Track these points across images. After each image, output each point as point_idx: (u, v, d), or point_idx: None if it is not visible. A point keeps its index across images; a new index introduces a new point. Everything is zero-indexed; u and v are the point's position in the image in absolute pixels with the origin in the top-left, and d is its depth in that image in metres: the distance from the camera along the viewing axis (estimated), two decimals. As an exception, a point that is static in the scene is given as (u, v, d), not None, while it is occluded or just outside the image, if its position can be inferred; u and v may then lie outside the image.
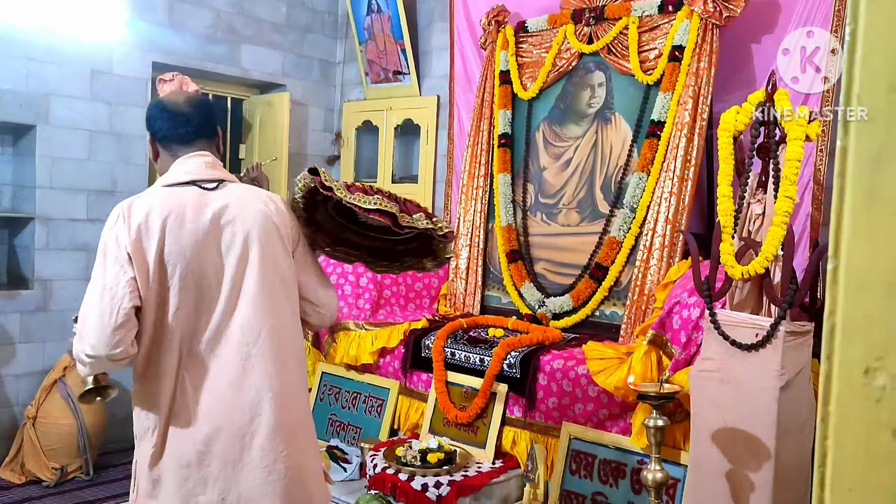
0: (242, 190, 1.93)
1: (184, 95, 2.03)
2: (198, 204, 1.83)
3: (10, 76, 4.05)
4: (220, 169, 1.94)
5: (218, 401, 1.80)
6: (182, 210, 1.82)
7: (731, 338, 2.28)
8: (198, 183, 1.87)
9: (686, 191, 3.34)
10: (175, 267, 1.79)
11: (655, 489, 2.31)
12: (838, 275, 0.59)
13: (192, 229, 1.81)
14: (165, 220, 1.79)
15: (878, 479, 0.57)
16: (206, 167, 1.90)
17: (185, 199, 1.84)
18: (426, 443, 3.14)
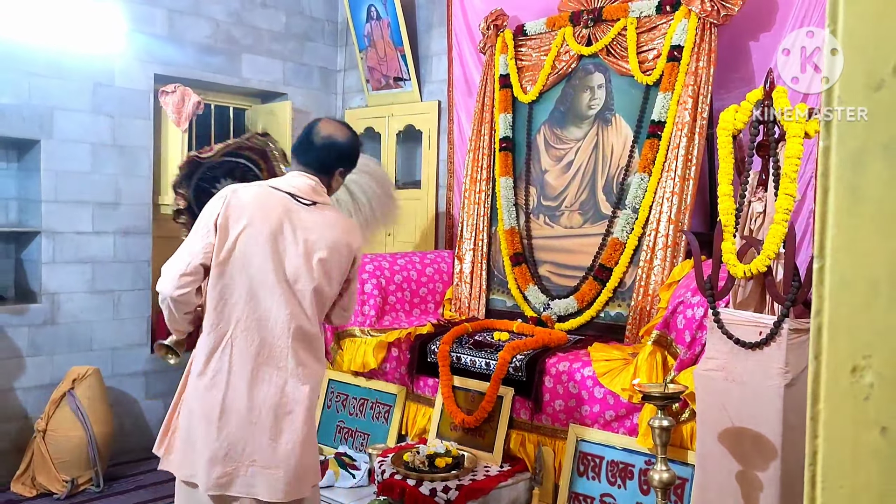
0: (333, 215, 2.30)
1: (339, 132, 2.34)
2: (287, 210, 2.20)
3: (13, 91, 4.08)
4: (321, 195, 2.28)
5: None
6: (273, 208, 2.19)
7: (735, 336, 2.28)
8: (297, 197, 2.23)
9: (688, 190, 3.34)
10: (245, 252, 2.16)
11: (662, 489, 2.31)
12: (824, 274, 0.59)
13: (272, 227, 2.17)
14: (255, 211, 2.18)
15: (868, 476, 0.57)
16: (309, 189, 2.26)
17: (279, 201, 2.22)
18: (434, 448, 3.14)
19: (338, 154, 2.32)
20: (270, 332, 2.17)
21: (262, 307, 2.17)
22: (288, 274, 2.17)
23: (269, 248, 2.16)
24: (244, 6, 5.06)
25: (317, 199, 2.26)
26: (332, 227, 2.25)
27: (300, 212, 2.22)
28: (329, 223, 2.25)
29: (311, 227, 2.21)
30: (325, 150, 2.30)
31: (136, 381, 4.63)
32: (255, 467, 2.14)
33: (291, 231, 2.18)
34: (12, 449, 4.09)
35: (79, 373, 4.07)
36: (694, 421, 2.61)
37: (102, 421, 4.08)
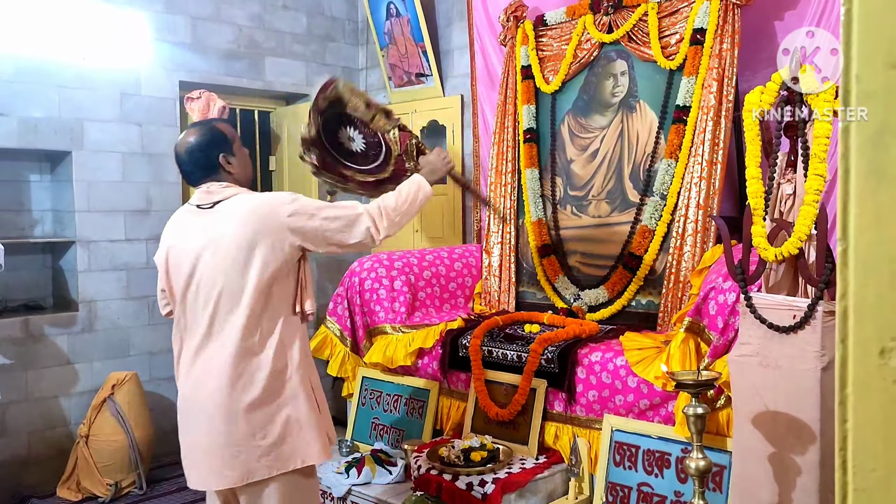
0: (234, 205, 2.27)
1: (183, 143, 2.36)
2: (189, 221, 2.33)
3: (43, 104, 4.16)
4: (217, 193, 2.31)
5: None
6: (178, 223, 2.37)
7: (769, 321, 2.25)
8: (200, 205, 2.31)
9: (716, 175, 3.30)
10: (170, 266, 2.35)
11: (699, 477, 2.29)
12: (848, 256, 0.58)
13: (183, 237, 2.31)
14: (171, 230, 2.39)
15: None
16: (203, 194, 2.32)
17: (184, 215, 2.37)
18: (469, 442, 3.15)
19: (197, 148, 2.33)
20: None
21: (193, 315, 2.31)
22: (209, 282, 2.24)
23: (183, 260, 2.29)
24: (265, 9, 5.10)
25: (215, 198, 2.29)
26: (230, 218, 2.25)
27: (202, 218, 2.29)
28: (225, 217, 2.26)
29: (213, 227, 2.26)
30: (188, 156, 2.34)
31: (172, 385, 4.68)
32: None
33: (199, 237, 2.27)
34: (57, 454, 4.18)
35: (118, 378, 4.14)
36: (730, 407, 2.58)
37: (142, 424, 4.15)
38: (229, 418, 2.21)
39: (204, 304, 2.25)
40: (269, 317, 2.25)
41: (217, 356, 2.23)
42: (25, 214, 4.40)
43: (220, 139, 2.35)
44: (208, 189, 2.31)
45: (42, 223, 4.45)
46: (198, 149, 2.33)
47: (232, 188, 2.32)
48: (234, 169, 2.35)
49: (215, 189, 2.31)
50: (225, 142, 2.35)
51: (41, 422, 4.19)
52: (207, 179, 2.33)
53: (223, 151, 2.33)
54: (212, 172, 2.33)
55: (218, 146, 2.33)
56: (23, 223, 4.38)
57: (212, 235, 2.24)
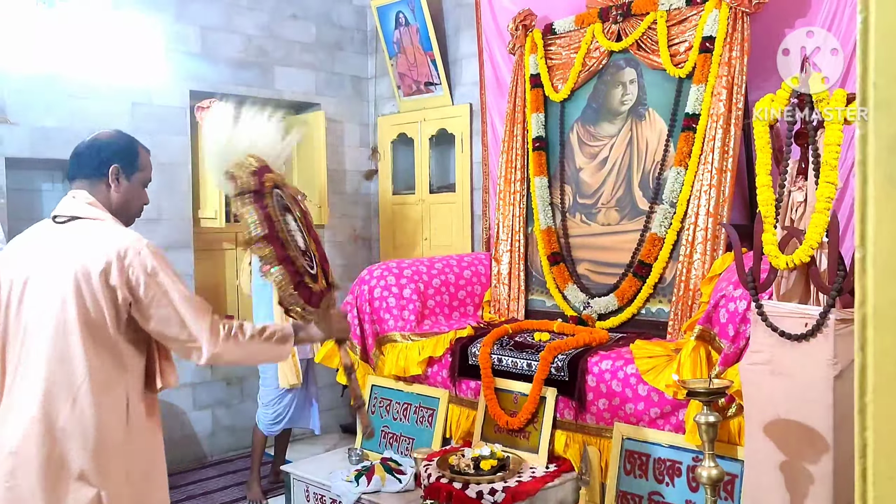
0: (87, 229, 1.91)
1: (91, 137, 2.06)
2: (38, 236, 1.97)
3: (55, 114, 4.19)
4: (83, 205, 1.94)
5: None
6: (27, 240, 1.98)
7: (780, 329, 2.24)
8: (55, 217, 1.95)
9: (726, 183, 3.30)
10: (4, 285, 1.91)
11: (711, 486, 2.28)
12: (866, 264, 0.58)
13: (23, 260, 1.92)
14: (13, 247, 2.00)
15: (920, 467, 0.56)
16: (66, 204, 1.97)
17: (36, 230, 2.00)
18: (479, 450, 3.14)
19: (94, 146, 2.02)
20: None
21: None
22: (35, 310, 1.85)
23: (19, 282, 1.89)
24: (274, 19, 5.13)
25: (78, 213, 1.94)
26: (79, 247, 1.87)
27: (51, 236, 1.93)
28: (75, 242, 1.88)
29: (56, 248, 1.90)
30: (82, 150, 2.03)
31: (183, 393, 4.72)
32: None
33: (40, 260, 1.89)
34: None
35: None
36: (742, 416, 2.57)
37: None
38: None
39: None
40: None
41: None
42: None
43: (122, 151, 2.04)
44: (75, 200, 1.97)
45: (53, 232, 4.48)
46: (94, 145, 2.04)
47: (94, 209, 1.96)
48: (123, 190, 2.02)
49: (82, 203, 1.96)
50: (121, 158, 2.03)
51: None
52: (85, 184, 2.00)
53: (116, 162, 2.01)
54: (92, 176, 2.00)
55: (117, 155, 2.02)
56: (34, 232, 4.40)
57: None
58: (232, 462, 4.74)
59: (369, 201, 5.70)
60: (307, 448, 4.64)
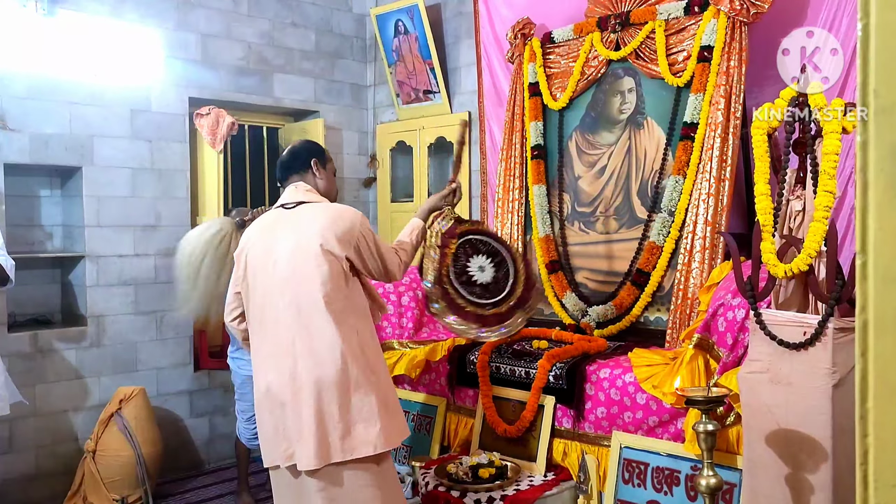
0: (310, 209, 2.54)
1: (288, 148, 2.75)
2: (275, 220, 2.56)
3: (55, 121, 4.19)
4: (303, 193, 2.59)
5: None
6: (266, 224, 2.59)
7: (779, 337, 2.24)
8: (284, 205, 2.59)
9: (724, 191, 3.31)
10: (248, 267, 2.57)
11: (710, 495, 2.27)
12: (867, 270, 0.58)
13: (268, 238, 2.53)
14: (255, 231, 2.62)
15: (921, 474, 0.56)
16: (289, 193, 2.61)
17: (271, 216, 2.61)
18: (477, 458, 3.14)
19: (295, 150, 2.72)
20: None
21: (273, 307, 2.49)
22: (284, 272, 2.46)
23: (266, 259, 2.51)
24: (275, 27, 5.14)
25: (299, 198, 2.57)
26: (308, 220, 2.49)
27: (286, 217, 2.55)
28: (305, 217, 2.50)
29: (292, 226, 2.50)
30: (287, 155, 2.72)
31: (180, 400, 4.70)
32: None
33: (282, 236, 2.50)
34: (64, 470, 4.18)
35: (125, 393, 4.14)
36: (740, 424, 2.57)
37: (150, 440, 4.14)
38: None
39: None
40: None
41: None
42: (36, 229, 4.42)
43: (314, 149, 2.74)
44: (296, 189, 2.61)
45: (52, 238, 4.48)
46: (294, 149, 2.73)
47: (314, 195, 2.62)
48: (324, 178, 2.69)
49: (303, 190, 2.60)
50: (316, 153, 2.70)
51: (49, 437, 4.19)
52: (297, 177, 2.65)
53: (314, 157, 2.68)
54: (301, 170, 2.66)
55: (312, 152, 2.70)
56: (33, 238, 4.40)
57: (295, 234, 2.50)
58: (229, 469, 4.72)
59: (368, 209, 5.70)
60: (304, 456, 4.61)
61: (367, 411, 2.41)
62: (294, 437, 2.40)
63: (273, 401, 2.45)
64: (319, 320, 2.41)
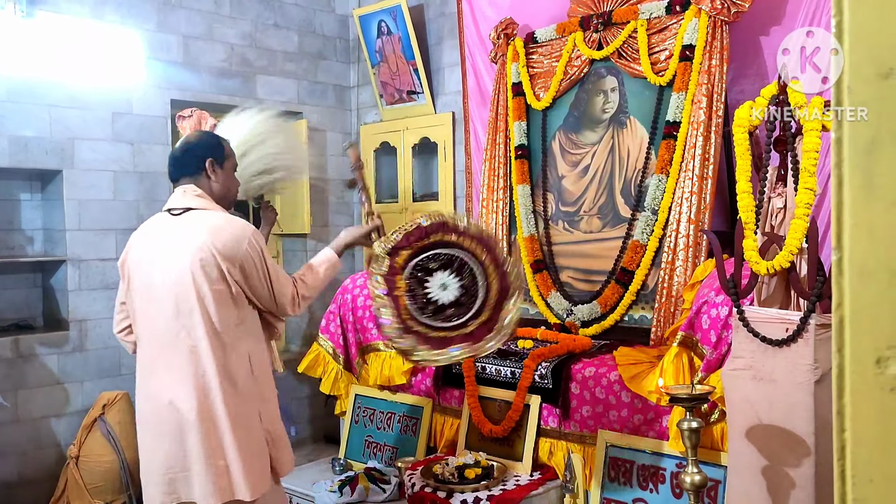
0: (197, 218, 2.27)
1: (182, 142, 2.44)
2: (158, 228, 2.34)
3: (34, 124, 4.15)
4: (192, 198, 2.31)
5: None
6: (148, 231, 2.37)
7: (761, 334, 2.26)
8: (170, 210, 2.32)
9: (707, 189, 3.32)
10: (130, 278, 2.35)
11: (695, 492, 2.28)
12: (843, 266, 0.58)
13: (148, 249, 2.31)
14: (137, 238, 2.40)
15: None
16: (176, 197, 2.34)
17: (154, 222, 2.37)
18: (463, 459, 3.14)
19: (189, 146, 2.41)
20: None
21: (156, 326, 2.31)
22: (163, 289, 2.24)
23: (150, 271, 2.29)
24: (257, 28, 5.12)
25: (187, 204, 2.31)
26: (197, 232, 2.25)
27: (172, 225, 2.30)
28: (194, 228, 2.26)
29: (180, 237, 2.27)
30: (180, 151, 2.42)
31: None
32: None
33: (168, 247, 2.27)
34: (47, 476, 4.13)
35: (108, 398, 4.11)
36: (724, 422, 2.58)
37: (133, 445, 4.08)
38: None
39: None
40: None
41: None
42: (16, 233, 4.37)
43: (212, 147, 2.41)
44: (185, 194, 2.33)
45: (33, 242, 4.43)
46: (189, 145, 2.42)
47: (205, 201, 2.34)
48: (221, 180, 2.40)
49: (192, 195, 2.33)
50: (213, 152, 2.39)
51: (31, 443, 4.15)
52: (189, 179, 2.36)
53: (209, 156, 2.37)
54: (194, 172, 2.37)
55: (209, 150, 2.39)
56: (13, 242, 4.36)
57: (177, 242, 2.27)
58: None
59: (352, 210, 5.69)
60: (291, 459, 4.60)
61: (250, 448, 2.23)
62: (177, 469, 2.22)
63: (146, 427, 2.28)
64: (199, 346, 2.20)
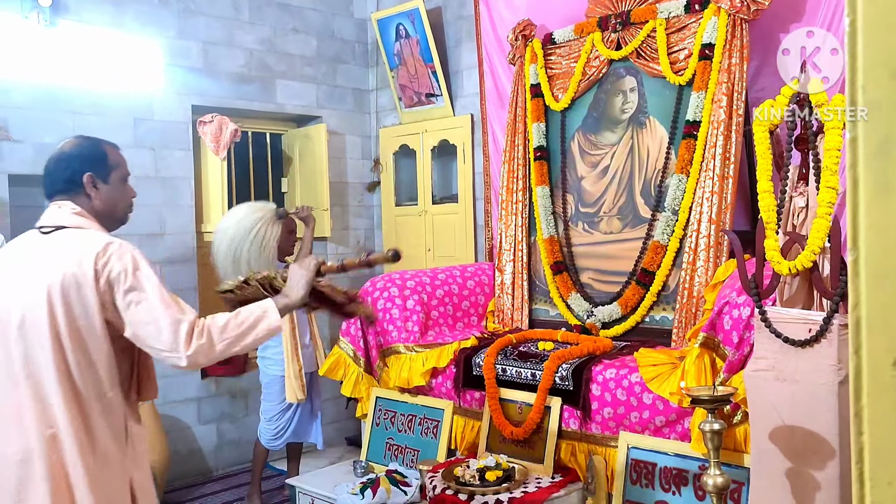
0: (67, 240, 1.91)
1: (57, 151, 2.05)
2: (23, 247, 1.97)
3: (58, 131, 4.20)
4: (67, 215, 1.96)
5: None
6: (12, 249, 1.99)
7: (784, 335, 2.23)
8: (41, 227, 1.97)
9: (728, 189, 3.30)
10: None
11: (718, 494, 2.26)
12: (859, 266, 0.58)
13: (9, 270, 1.93)
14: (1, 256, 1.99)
15: (917, 471, 0.55)
16: (50, 213, 1.99)
17: (21, 241, 2.00)
18: (484, 461, 3.13)
19: (64, 159, 2.01)
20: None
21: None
22: (15, 319, 1.86)
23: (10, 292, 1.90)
24: (276, 33, 5.15)
25: (63, 222, 1.95)
26: (65, 253, 1.88)
27: (38, 245, 1.94)
28: (62, 248, 1.90)
29: (44, 257, 1.91)
30: (53, 165, 2.03)
31: (188, 408, 4.71)
32: None
33: (28, 268, 1.90)
34: None
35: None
36: (747, 423, 2.55)
37: (158, 448, 4.15)
38: None
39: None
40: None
41: None
42: (41, 239, 4.43)
43: (91, 157, 2.03)
44: (59, 210, 1.98)
45: (57, 248, 4.49)
46: (63, 158, 2.03)
47: (81, 218, 1.98)
48: (102, 195, 2.03)
49: (67, 212, 1.97)
50: (91, 163, 2.01)
51: None
52: (66, 197, 2.00)
53: (87, 169, 1.99)
54: (70, 190, 2.00)
55: (87, 161, 2.01)
56: (38, 248, 4.41)
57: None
58: (237, 476, 4.73)
59: (372, 213, 5.71)
60: (312, 461, 4.63)
61: None
62: None
63: None
64: (45, 392, 1.82)
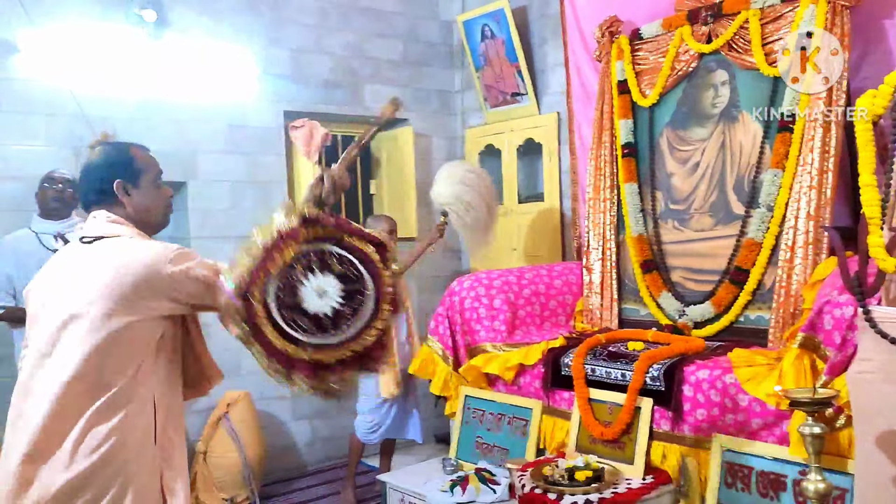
0: (106, 250, 1.90)
1: (86, 160, 2.04)
2: (66, 258, 1.96)
3: (162, 138, 4.42)
4: (104, 224, 1.96)
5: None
6: (56, 261, 1.98)
7: (891, 336, 2.13)
8: (83, 238, 1.95)
9: (827, 184, 3.17)
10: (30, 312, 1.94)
11: (818, 500, 2.18)
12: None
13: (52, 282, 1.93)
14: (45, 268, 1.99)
15: None
16: (89, 223, 1.98)
17: (66, 251, 1.99)
18: (573, 461, 3.11)
19: (91, 171, 2.01)
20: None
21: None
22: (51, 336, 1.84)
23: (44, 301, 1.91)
24: (362, 39, 5.26)
25: (99, 232, 1.95)
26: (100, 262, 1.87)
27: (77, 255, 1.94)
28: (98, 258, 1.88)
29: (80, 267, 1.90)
30: (82, 180, 2.04)
31: (283, 404, 4.86)
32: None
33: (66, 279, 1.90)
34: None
35: (232, 397, 4.32)
36: (851, 427, 2.45)
37: (255, 443, 4.31)
38: None
39: None
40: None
41: None
42: (146, 242, 4.67)
43: (119, 164, 2.02)
44: (97, 220, 1.98)
45: (160, 250, 4.72)
46: (90, 171, 2.03)
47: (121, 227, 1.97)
48: (136, 202, 2.03)
49: (104, 222, 1.97)
50: (120, 171, 2.00)
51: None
52: (102, 207, 1.99)
53: (118, 176, 1.99)
54: (102, 202, 1.99)
55: (116, 169, 2.00)
56: (143, 251, 4.65)
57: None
58: (331, 471, 4.85)
59: (458, 213, 5.75)
60: (402, 458, 4.70)
61: None
62: None
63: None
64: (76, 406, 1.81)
